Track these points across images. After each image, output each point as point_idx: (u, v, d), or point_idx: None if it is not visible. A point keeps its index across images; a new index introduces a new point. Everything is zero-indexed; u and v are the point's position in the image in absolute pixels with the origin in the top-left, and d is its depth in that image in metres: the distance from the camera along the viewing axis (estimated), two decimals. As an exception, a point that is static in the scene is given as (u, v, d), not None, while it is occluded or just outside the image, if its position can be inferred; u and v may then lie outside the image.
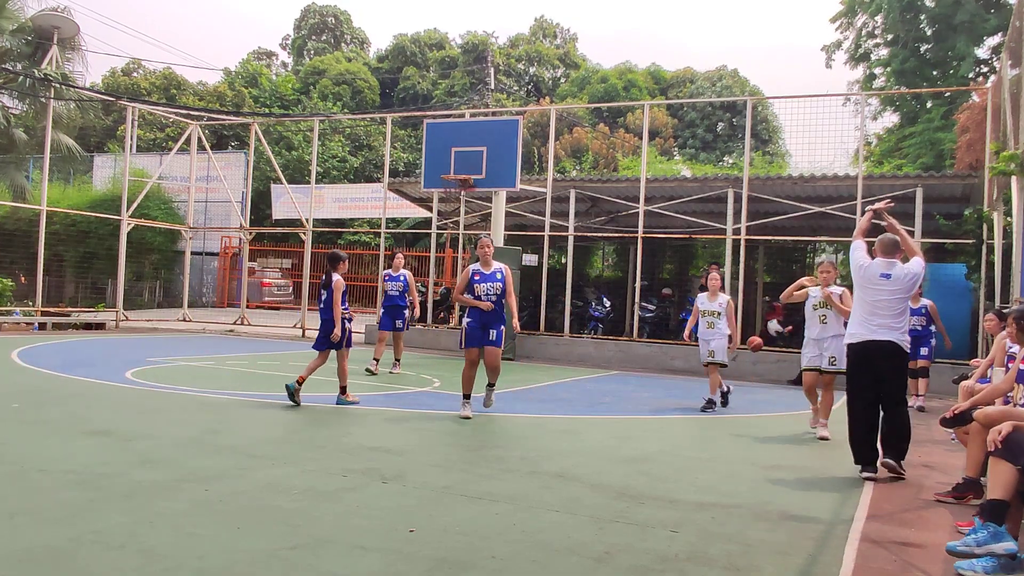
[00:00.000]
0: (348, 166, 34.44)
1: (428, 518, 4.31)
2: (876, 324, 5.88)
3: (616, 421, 8.46)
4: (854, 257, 6.11)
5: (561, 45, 48.11)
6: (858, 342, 5.96)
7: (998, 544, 3.79)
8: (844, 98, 19.60)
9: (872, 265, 6.01)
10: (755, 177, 16.02)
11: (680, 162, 30.17)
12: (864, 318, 5.94)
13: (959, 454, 6.66)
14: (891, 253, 6.00)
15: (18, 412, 6.99)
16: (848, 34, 26.54)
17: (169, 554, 3.54)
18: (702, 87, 38.75)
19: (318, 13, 49.38)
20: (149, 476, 4.90)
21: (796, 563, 3.90)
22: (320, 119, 24.48)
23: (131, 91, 34.90)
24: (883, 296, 5.91)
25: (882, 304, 5.90)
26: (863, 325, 5.94)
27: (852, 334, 6.04)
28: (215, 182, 24.09)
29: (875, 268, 5.98)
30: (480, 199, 18.02)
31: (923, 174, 15.30)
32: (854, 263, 6.10)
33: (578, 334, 16.42)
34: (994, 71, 21.83)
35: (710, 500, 5.03)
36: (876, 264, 6.00)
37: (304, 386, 7.92)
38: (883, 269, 5.95)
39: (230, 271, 28.38)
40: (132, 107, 23.17)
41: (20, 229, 21.77)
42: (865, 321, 5.93)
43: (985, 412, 4.65)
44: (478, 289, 7.88)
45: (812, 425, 8.06)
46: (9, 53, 20.76)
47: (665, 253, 21.15)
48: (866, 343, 5.90)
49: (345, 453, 5.93)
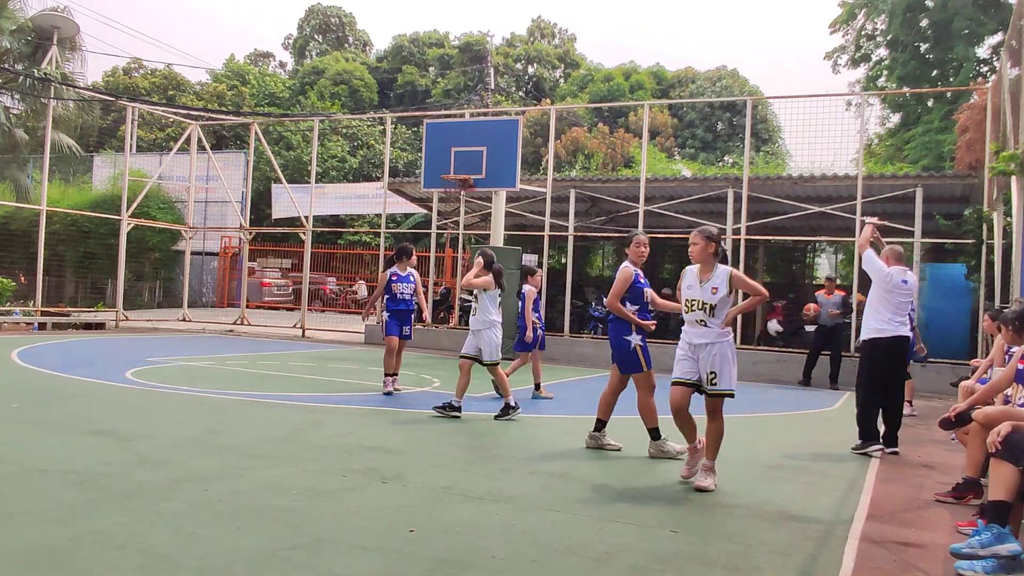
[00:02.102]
0: (347, 166, 34.46)
1: (428, 518, 4.31)
2: (899, 321, 6.98)
3: (616, 421, 8.45)
4: (876, 265, 7.00)
5: (559, 45, 48.11)
6: (888, 337, 6.93)
7: (1002, 546, 3.79)
8: (846, 103, 19.61)
9: (894, 273, 6.99)
10: (755, 177, 16.02)
11: (681, 162, 30.17)
12: (890, 316, 6.96)
13: (959, 454, 6.65)
14: (903, 261, 7.25)
15: (18, 412, 6.98)
16: (848, 36, 26.55)
17: (169, 554, 3.54)
18: (702, 87, 38.76)
19: (322, 13, 49.41)
20: (149, 476, 4.90)
21: (796, 563, 3.90)
22: (320, 119, 24.48)
23: (131, 91, 34.90)
24: (903, 299, 7.03)
25: (903, 305, 7.03)
26: (890, 322, 6.94)
27: (880, 329, 6.94)
28: (215, 182, 24.11)
29: (896, 276, 7.00)
30: (480, 199, 18.02)
31: (923, 174, 15.30)
32: (879, 271, 6.99)
33: (578, 334, 16.42)
34: (994, 71, 21.83)
35: (710, 500, 5.03)
36: (896, 272, 7.01)
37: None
38: (901, 276, 7.04)
39: (230, 271, 28.39)
40: (132, 107, 23.18)
41: (20, 229, 21.77)
42: (892, 319, 6.96)
43: (985, 412, 4.64)
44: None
45: (686, 474, 5.51)
46: (9, 53, 20.76)
47: (665, 253, 21.16)
48: (895, 337, 6.94)
49: (345, 453, 5.93)
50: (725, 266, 5.51)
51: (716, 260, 5.47)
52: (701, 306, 5.41)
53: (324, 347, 15.72)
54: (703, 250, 5.47)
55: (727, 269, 5.49)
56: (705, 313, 5.39)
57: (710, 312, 5.38)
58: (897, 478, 6.08)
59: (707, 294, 5.40)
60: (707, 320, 5.39)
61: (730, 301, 5.47)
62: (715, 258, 5.47)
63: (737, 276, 5.48)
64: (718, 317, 5.39)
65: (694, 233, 5.51)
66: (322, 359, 12.90)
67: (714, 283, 5.41)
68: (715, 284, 5.41)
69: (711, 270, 5.46)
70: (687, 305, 5.50)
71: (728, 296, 5.43)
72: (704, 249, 5.47)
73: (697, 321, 5.44)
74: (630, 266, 6.54)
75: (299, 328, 18.57)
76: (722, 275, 5.43)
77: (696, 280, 5.50)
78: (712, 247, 5.47)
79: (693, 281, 5.52)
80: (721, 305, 5.40)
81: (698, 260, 5.49)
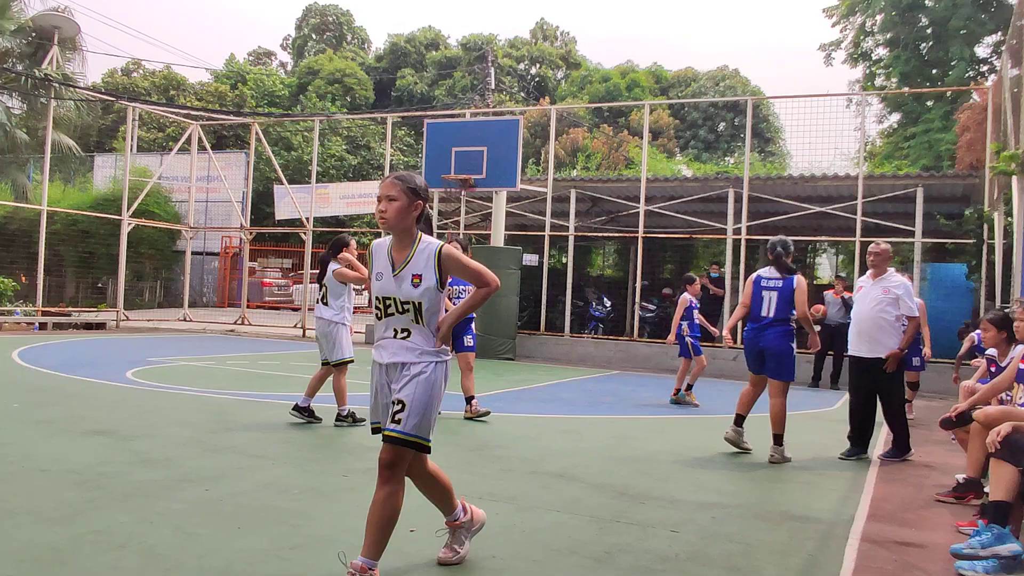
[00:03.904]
0: (347, 165, 34.46)
1: (428, 518, 4.31)
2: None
3: (616, 421, 8.46)
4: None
5: (562, 47, 48.12)
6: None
7: (1003, 546, 3.79)
8: (846, 101, 19.61)
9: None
10: (755, 177, 16.02)
11: (682, 162, 30.16)
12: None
13: (959, 454, 6.65)
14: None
15: (18, 412, 6.98)
16: (847, 33, 26.54)
17: (169, 554, 3.54)
18: (704, 87, 38.74)
19: (319, 13, 49.38)
20: (149, 476, 4.90)
21: (796, 563, 3.90)
22: (320, 119, 24.48)
23: (131, 91, 34.88)
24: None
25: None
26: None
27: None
28: (215, 182, 24.09)
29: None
30: (481, 199, 18.02)
31: (924, 174, 15.29)
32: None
33: (578, 334, 16.42)
34: (994, 70, 21.83)
35: (710, 500, 5.03)
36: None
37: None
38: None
39: (230, 271, 28.39)
40: (132, 107, 23.18)
41: (21, 229, 21.77)
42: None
43: (985, 412, 4.64)
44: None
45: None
46: (10, 53, 20.76)
47: (666, 253, 21.14)
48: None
49: (345, 453, 5.93)
50: (431, 238, 3.43)
51: (418, 228, 3.40)
52: (399, 306, 3.33)
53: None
54: (403, 210, 3.31)
55: (434, 243, 3.38)
56: (407, 317, 3.33)
57: (415, 315, 3.32)
58: (897, 478, 6.07)
59: (406, 286, 3.32)
60: (411, 328, 3.33)
61: (441, 299, 3.40)
62: (417, 225, 3.40)
63: (450, 255, 3.34)
64: (429, 324, 3.34)
65: (387, 181, 3.34)
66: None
67: (415, 268, 3.33)
68: (416, 269, 3.33)
69: (411, 246, 3.37)
70: (377, 304, 3.39)
71: (439, 291, 3.34)
72: (405, 209, 3.31)
73: (396, 333, 3.35)
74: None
75: (300, 328, 18.57)
76: (427, 254, 3.34)
77: (387, 262, 3.38)
78: (417, 206, 3.36)
79: (384, 265, 3.38)
80: (430, 304, 3.33)
81: (394, 226, 3.34)
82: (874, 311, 6.61)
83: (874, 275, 6.81)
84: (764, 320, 6.65)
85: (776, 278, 6.71)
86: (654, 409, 9.39)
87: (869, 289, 6.76)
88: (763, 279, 6.78)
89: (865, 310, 6.67)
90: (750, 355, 6.81)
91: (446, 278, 3.37)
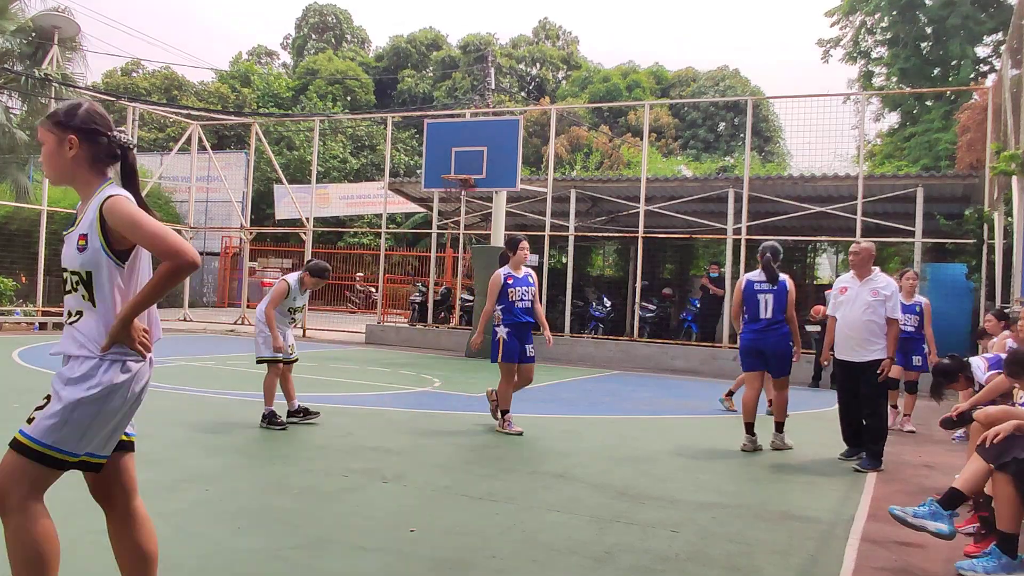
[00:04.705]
0: (349, 167, 34.47)
1: (428, 518, 4.31)
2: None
3: (616, 421, 8.46)
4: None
5: (563, 47, 48.11)
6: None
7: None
8: (844, 97, 19.62)
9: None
10: (755, 177, 16.02)
11: (682, 162, 30.17)
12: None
13: (959, 454, 6.66)
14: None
15: (19, 412, 6.98)
16: (846, 31, 26.55)
17: (169, 554, 3.54)
18: (704, 87, 38.74)
19: (319, 12, 49.38)
20: (149, 476, 4.89)
21: (796, 563, 3.90)
22: (321, 119, 24.49)
23: (131, 91, 34.88)
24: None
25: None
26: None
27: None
28: (216, 182, 24.11)
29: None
30: (481, 199, 18.02)
31: (924, 174, 15.29)
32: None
33: (578, 334, 16.42)
34: (994, 70, 21.84)
35: (710, 500, 5.03)
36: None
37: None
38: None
39: (231, 271, 28.40)
40: (132, 107, 23.18)
41: (21, 229, 21.77)
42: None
43: (986, 412, 4.64)
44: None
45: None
46: (10, 53, 20.75)
47: (666, 253, 21.14)
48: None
49: (345, 453, 5.93)
50: (114, 187, 2.47)
51: (97, 173, 2.51)
52: (70, 280, 2.46)
53: (325, 347, 15.71)
54: (52, 154, 2.49)
55: (106, 192, 2.44)
56: (78, 295, 2.45)
57: (86, 291, 2.44)
58: (897, 478, 6.07)
59: (71, 250, 2.45)
60: (84, 309, 2.45)
61: (122, 271, 2.44)
62: (93, 168, 2.50)
63: (116, 207, 2.37)
64: (104, 304, 2.42)
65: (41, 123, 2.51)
66: (323, 359, 12.88)
67: (82, 227, 2.44)
68: (83, 229, 2.43)
69: (91, 196, 2.48)
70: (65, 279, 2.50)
71: (112, 258, 2.42)
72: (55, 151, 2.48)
73: (70, 315, 2.48)
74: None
75: (299, 328, 18.57)
76: (94, 206, 2.43)
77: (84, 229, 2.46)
78: (71, 141, 2.46)
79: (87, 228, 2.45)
80: (102, 277, 2.42)
81: (51, 177, 2.56)
82: (864, 316, 6.40)
83: (859, 276, 6.58)
84: (763, 322, 6.83)
85: (767, 281, 6.87)
86: (654, 409, 9.39)
87: (857, 292, 6.50)
88: (755, 283, 6.93)
89: (855, 315, 6.44)
90: (750, 355, 6.94)
91: (117, 240, 2.38)
